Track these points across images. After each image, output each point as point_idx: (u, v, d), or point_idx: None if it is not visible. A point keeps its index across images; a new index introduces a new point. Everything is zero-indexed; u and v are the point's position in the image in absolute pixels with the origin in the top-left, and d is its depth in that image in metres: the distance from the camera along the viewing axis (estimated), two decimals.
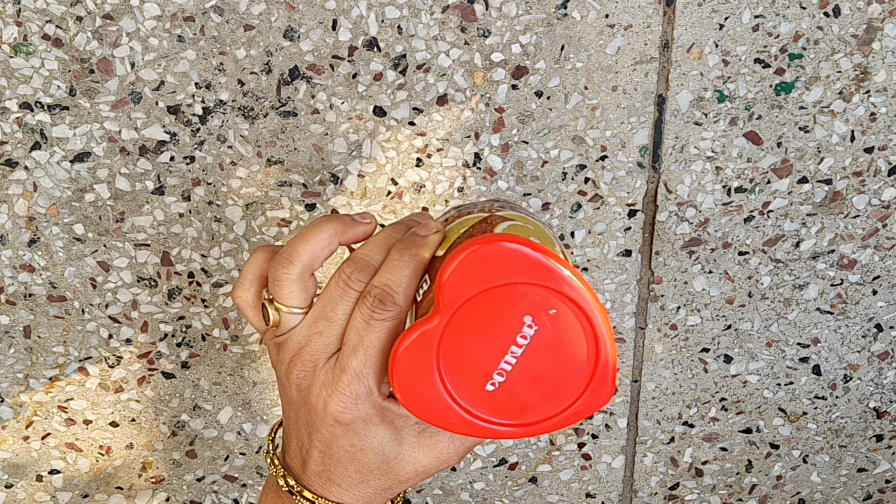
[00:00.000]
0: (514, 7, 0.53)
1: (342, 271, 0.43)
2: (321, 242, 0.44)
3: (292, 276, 0.44)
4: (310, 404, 0.43)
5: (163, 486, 0.69)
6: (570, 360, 0.38)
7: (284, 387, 0.44)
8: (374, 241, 0.44)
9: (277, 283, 0.44)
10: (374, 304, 0.41)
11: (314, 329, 0.43)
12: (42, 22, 0.53)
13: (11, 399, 0.65)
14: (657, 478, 0.71)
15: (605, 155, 0.58)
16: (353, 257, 0.44)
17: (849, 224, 0.61)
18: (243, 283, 0.46)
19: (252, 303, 0.46)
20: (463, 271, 0.37)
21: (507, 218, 0.43)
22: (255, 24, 0.54)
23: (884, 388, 0.68)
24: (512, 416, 0.39)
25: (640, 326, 0.64)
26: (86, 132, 0.56)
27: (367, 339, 0.41)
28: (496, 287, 0.37)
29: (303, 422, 0.44)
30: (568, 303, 0.37)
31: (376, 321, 0.41)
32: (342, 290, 0.43)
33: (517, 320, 0.37)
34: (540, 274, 0.37)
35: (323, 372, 0.42)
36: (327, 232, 0.44)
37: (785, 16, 0.54)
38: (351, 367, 0.41)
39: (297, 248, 0.44)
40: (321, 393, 0.42)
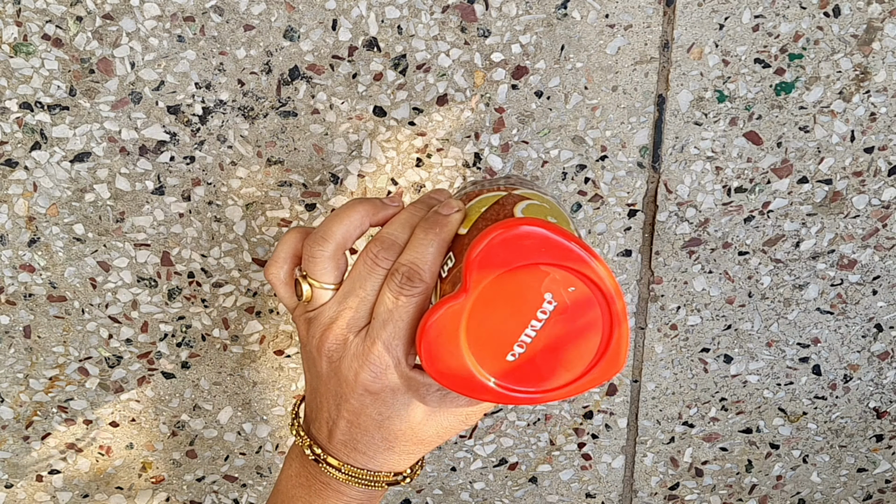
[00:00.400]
0: (514, 7, 0.53)
1: (370, 250, 0.45)
2: (354, 223, 0.47)
3: (327, 253, 0.46)
4: (340, 375, 0.45)
5: (163, 486, 0.69)
6: (586, 333, 0.41)
7: (314, 360, 0.46)
8: (399, 221, 0.47)
9: (312, 259, 0.46)
10: (403, 281, 0.44)
11: (344, 304, 0.46)
12: (42, 22, 0.53)
13: (11, 399, 0.65)
14: (657, 478, 0.71)
15: (605, 155, 0.58)
16: (380, 237, 0.46)
17: (849, 224, 0.61)
18: (277, 260, 0.49)
19: (284, 279, 0.48)
20: (489, 253, 0.39)
21: (525, 197, 0.46)
22: (255, 24, 0.54)
23: (884, 388, 0.68)
24: (530, 384, 0.42)
25: (640, 326, 0.64)
26: (86, 132, 0.56)
27: (397, 313, 0.44)
28: (519, 267, 0.40)
29: (332, 393, 0.46)
30: (585, 280, 0.40)
31: (404, 297, 0.43)
32: (370, 268, 0.45)
33: (538, 297, 0.40)
34: (559, 254, 0.39)
35: (354, 344, 0.45)
36: (360, 213, 0.47)
37: (785, 16, 0.54)
38: (381, 339, 0.44)
39: (332, 227, 0.47)
40: (352, 364, 0.44)
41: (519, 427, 0.68)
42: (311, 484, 0.47)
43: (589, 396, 0.67)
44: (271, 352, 0.64)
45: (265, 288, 0.62)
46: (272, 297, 0.62)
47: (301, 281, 0.47)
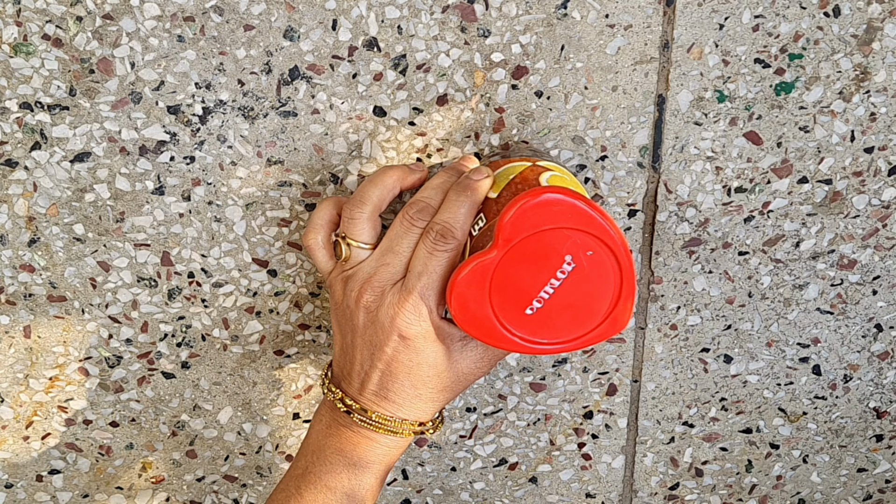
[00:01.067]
0: (514, 7, 0.53)
1: (406, 212, 0.50)
2: (387, 186, 0.52)
3: (365, 214, 0.51)
4: (377, 323, 0.49)
5: (163, 486, 0.69)
6: (598, 293, 0.46)
7: (351, 313, 0.50)
8: (432, 186, 0.51)
9: (351, 221, 0.51)
10: (437, 238, 0.48)
11: (382, 261, 0.50)
12: (42, 22, 0.53)
13: (11, 399, 0.65)
14: (657, 478, 0.71)
15: (605, 155, 0.58)
16: (415, 200, 0.50)
17: (849, 224, 0.61)
18: (314, 226, 0.53)
19: (322, 244, 0.53)
20: (519, 217, 0.44)
21: (548, 168, 0.51)
22: (255, 24, 0.54)
23: (884, 388, 0.68)
24: (544, 335, 0.47)
25: (640, 326, 0.64)
26: (86, 132, 0.56)
27: (430, 267, 0.48)
28: (545, 230, 0.44)
29: (367, 343, 0.50)
30: (602, 246, 0.45)
31: (438, 252, 0.48)
32: (407, 228, 0.50)
33: (559, 257, 0.45)
34: (582, 221, 0.44)
35: (391, 294, 0.49)
36: (392, 178, 0.52)
37: (785, 16, 0.54)
38: (416, 288, 0.48)
39: (369, 191, 0.51)
40: (389, 311, 0.48)
41: (519, 427, 0.68)
42: (342, 433, 0.51)
43: (589, 396, 0.67)
44: (271, 352, 0.64)
45: (265, 288, 0.62)
46: (272, 297, 0.62)
47: (340, 241, 0.51)
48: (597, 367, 0.66)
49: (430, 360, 0.49)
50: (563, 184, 0.50)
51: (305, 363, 0.65)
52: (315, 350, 0.65)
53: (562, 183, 0.50)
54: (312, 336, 0.64)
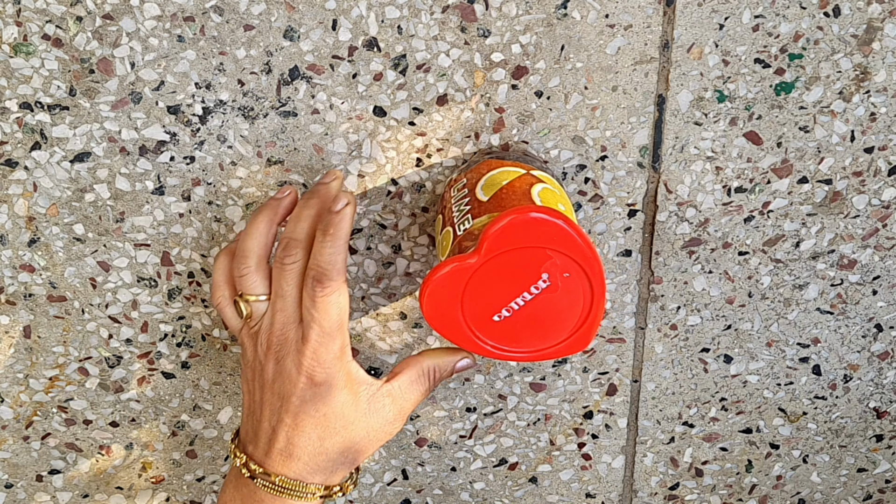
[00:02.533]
0: (514, 7, 0.53)
1: (277, 255, 0.50)
2: (261, 232, 0.51)
3: (252, 268, 0.51)
4: (285, 372, 0.48)
5: (163, 486, 0.69)
6: (566, 312, 0.47)
7: (261, 367, 0.50)
8: (294, 219, 0.51)
9: (241, 278, 0.51)
10: (315, 285, 0.48)
11: (275, 308, 0.50)
12: (42, 22, 0.53)
13: (11, 399, 0.65)
14: (657, 478, 0.71)
15: (605, 155, 0.58)
16: (282, 241, 0.50)
17: (849, 224, 0.61)
18: (217, 285, 0.53)
19: (229, 300, 0.53)
20: (506, 230, 0.45)
21: (541, 179, 0.52)
22: (255, 24, 0.54)
23: (884, 388, 0.68)
24: (507, 343, 0.48)
25: (640, 326, 0.64)
26: (86, 132, 0.56)
27: (318, 315, 0.48)
28: (528, 247, 0.46)
29: (276, 395, 0.49)
30: (580, 270, 0.46)
31: (319, 298, 0.48)
32: (280, 271, 0.49)
33: (536, 274, 0.46)
34: (565, 244, 0.45)
35: (294, 341, 0.48)
36: (263, 223, 0.52)
37: (785, 16, 0.54)
38: (311, 339, 0.48)
39: (246, 243, 0.51)
40: (296, 358, 0.48)
41: (519, 427, 0.68)
42: (247, 500, 0.49)
43: (589, 396, 0.67)
44: None
45: None
46: None
47: (239, 300, 0.51)
48: (597, 367, 0.66)
49: (338, 409, 0.48)
50: (553, 197, 0.51)
51: None
52: None
53: (552, 196, 0.51)
54: None
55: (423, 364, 0.52)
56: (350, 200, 0.49)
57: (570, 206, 0.53)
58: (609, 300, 0.63)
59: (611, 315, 0.64)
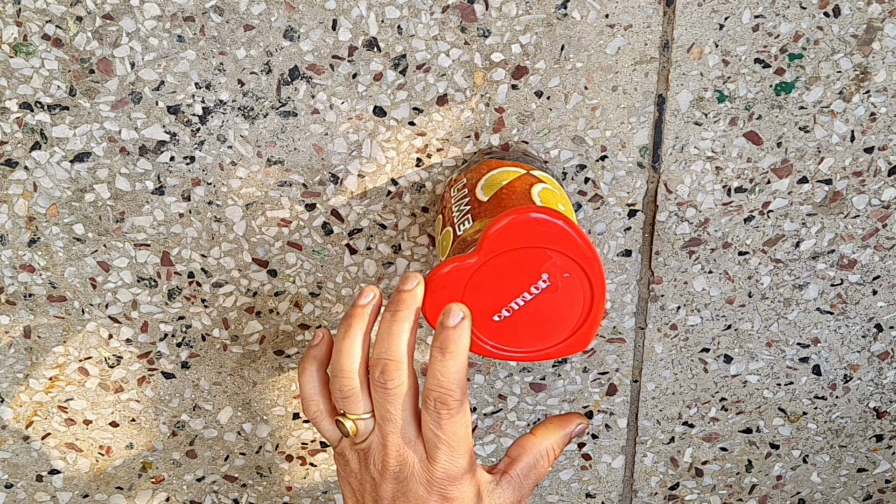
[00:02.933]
0: (514, 7, 0.53)
1: (377, 379, 0.47)
2: (358, 348, 0.48)
3: (356, 389, 0.48)
4: (411, 493, 0.47)
5: (163, 486, 0.69)
6: (566, 312, 0.47)
7: (376, 483, 0.48)
8: (387, 336, 0.47)
9: (345, 400, 0.48)
10: (439, 407, 0.46)
11: (385, 431, 0.47)
12: (42, 22, 0.53)
13: (11, 399, 0.65)
14: (657, 478, 0.71)
15: (605, 155, 0.58)
16: (378, 362, 0.47)
17: (849, 224, 0.61)
18: (311, 398, 0.50)
19: (326, 412, 0.50)
20: (506, 231, 0.45)
21: (541, 179, 0.52)
22: (255, 24, 0.54)
23: (884, 388, 0.68)
24: (506, 343, 0.48)
25: (640, 326, 0.64)
26: (86, 132, 0.56)
27: (445, 437, 0.46)
28: (528, 247, 0.45)
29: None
30: (580, 270, 0.46)
31: (446, 421, 0.46)
32: (384, 395, 0.47)
33: (536, 274, 0.46)
34: (565, 244, 0.45)
35: (417, 461, 0.47)
36: (357, 337, 0.48)
37: (785, 16, 0.54)
38: (440, 460, 0.46)
39: (344, 363, 0.48)
40: (423, 478, 0.46)
41: (519, 427, 0.68)
42: None
43: (589, 396, 0.67)
44: (271, 352, 0.64)
45: (265, 288, 0.62)
46: (272, 297, 0.62)
47: (342, 420, 0.48)
48: (597, 367, 0.66)
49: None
50: (553, 197, 0.51)
51: None
52: None
53: (552, 196, 0.51)
54: (312, 336, 0.64)
55: (541, 447, 0.50)
56: (465, 314, 0.47)
57: (570, 206, 0.53)
58: (609, 300, 0.63)
59: (611, 315, 0.64)
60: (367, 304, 0.49)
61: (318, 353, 0.51)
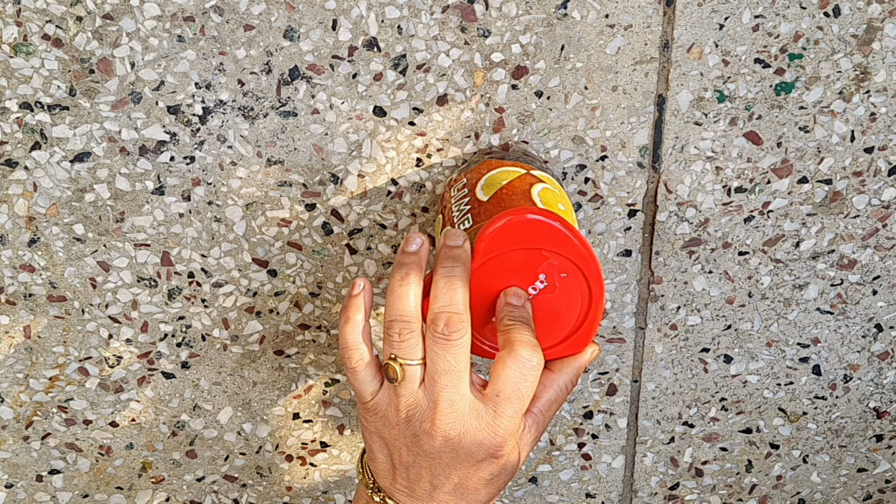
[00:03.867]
0: (514, 7, 0.53)
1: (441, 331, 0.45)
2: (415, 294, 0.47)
3: (415, 333, 0.46)
4: (461, 448, 0.46)
5: (163, 486, 0.69)
6: (564, 314, 0.47)
7: (419, 440, 0.47)
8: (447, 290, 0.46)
9: (402, 343, 0.46)
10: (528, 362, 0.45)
11: (439, 384, 0.46)
12: (42, 22, 0.53)
13: (11, 399, 0.65)
14: (657, 478, 0.71)
15: (605, 155, 0.58)
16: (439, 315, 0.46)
17: (849, 224, 0.61)
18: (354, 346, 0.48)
19: (368, 362, 0.48)
20: (501, 232, 0.44)
21: (541, 179, 0.52)
22: (255, 24, 0.54)
23: (884, 388, 0.68)
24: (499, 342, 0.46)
25: (640, 326, 0.64)
26: (86, 132, 0.56)
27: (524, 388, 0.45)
28: (525, 248, 0.45)
29: (442, 464, 0.46)
30: (578, 271, 0.45)
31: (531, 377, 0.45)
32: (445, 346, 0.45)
33: (533, 275, 0.45)
34: (562, 245, 0.45)
35: (475, 417, 0.45)
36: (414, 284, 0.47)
37: (785, 16, 0.54)
38: (506, 413, 0.45)
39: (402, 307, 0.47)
40: (482, 435, 0.45)
41: None
42: None
43: (589, 396, 0.67)
44: (271, 352, 0.64)
45: (265, 288, 0.62)
46: (272, 297, 0.62)
47: (392, 364, 0.46)
48: (597, 367, 0.66)
49: (510, 469, 0.47)
50: (553, 197, 0.51)
51: (305, 363, 0.65)
52: (315, 350, 0.65)
53: (552, 196, 0.51)
54: (312, 336, 0.64)
55: (559, 382, 0.49)
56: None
57: (570, 206, 0.53)
58: (609, 300, 0.63)
59: (611, 315, 0.64)
60: (417, 251, 0.48)
61: (361, 301, 0.49)
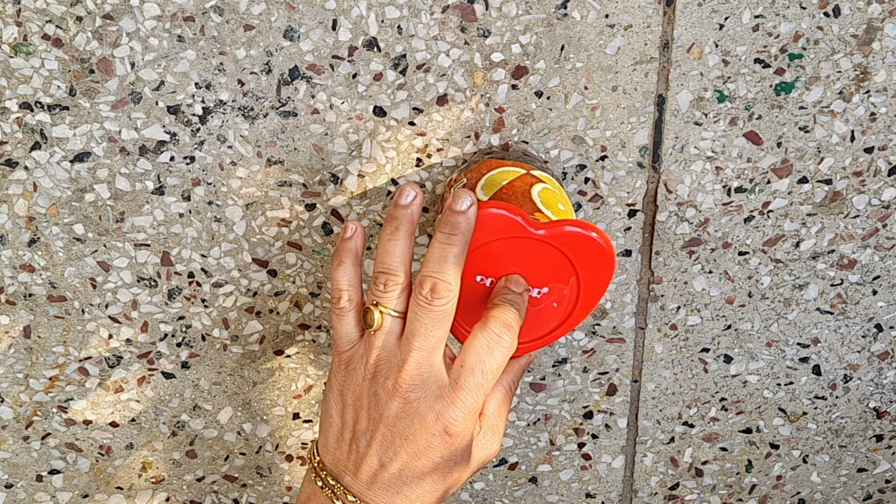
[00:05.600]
0: (514, 7, 0.53)
1: (425, 296, 0.45)
2: (405, 249, 0.46)
3: (402, 285, 0.46)
4: (417, 415, 0.44)
5: (163, 486, 0.69)
6: (535, 325, 0.48)
7: (379, 401, 0.45)
8: (440, 258, 0.45)
9: (387, 293, 0.46)
10: (494, 333, 0.44)
11: (411, 345, 0.45)
12: (42, 22, 0.53)
13: (11, 399, 0.65)
14: (657, 478, 0.71)
15: (605, 155, 0.58)
16: (426, 280, 0.45)
17: (849, 224, 0.61)
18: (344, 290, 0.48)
19: (354, 307, 0.47)
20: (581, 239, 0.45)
21: (541, 179, 0.52)
22: (255, 24, 0.54)
23: (884, 388, 0.68)
24: (465, 316, 0.48)
25: (640, 326, 0.64)
26: (86, 132, 0.56)
27: (489, 364, 0.44)
28: (568, 258, 0.46)
29: (396, 434, 0.44)
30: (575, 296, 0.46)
31: (497, 347, 0.44)
32: (426, 311, 0.44)
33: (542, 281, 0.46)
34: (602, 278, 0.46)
35: (436, 387, 0.44)
36: (404, 239, 0.46)
37: (785, 16, 0.54)
38: (466, 387, 0.44)
39: (391, 260, 0.46)
40: (437, 406, 0.44)
41: (519, 427, 0.68)
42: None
43: (589, 396, 0.67)
44: (271, 352, 0.64)
45: (265, 288, 0.62)
46: (272, 297, 0.62)
47: (372, 309, 0.46)
48: (597, 367, 0.66)
49: (462, 456, 0.45)
50: (553, 197, 0.51)
51: (305, 363, 0.65)
52: (315, 350, 0.65)
53: (552, 196, 0.51)
54: (312, 336, 0.64)
55: (504, 383, 0.48)
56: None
57: (570, 206, 0.53)
58: (609, 300, 0.63)
59: (611, 315, 0.64)
60: (409, 205, 0.46)
61: (353, 245, 0.48)
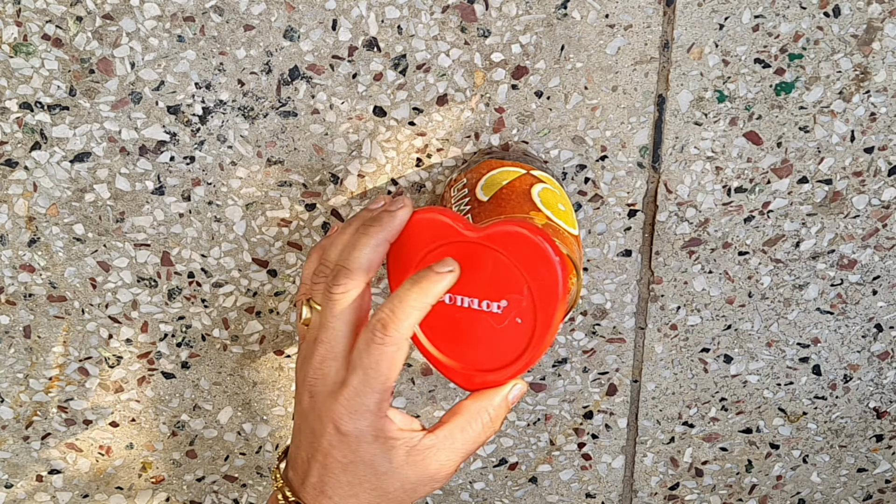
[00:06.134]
0: (514, 7, 0.53)
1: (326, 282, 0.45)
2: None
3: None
4: (317, 410, 0.44)
5: (163, 486, 0.69)
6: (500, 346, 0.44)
7: (299, 393, 0.46)
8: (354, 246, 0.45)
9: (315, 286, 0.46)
10: (377, 328, 0.43)
11: (319, 338, 0.45)
12: (42, 22, 0.53)
13: (11, 399, 0.65)
14: (657, 478, 0.71)
15: (605, 155, 0.58)
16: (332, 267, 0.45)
17: (849, 224, 0.61)
18: (305, 282, 0.48)
19: None
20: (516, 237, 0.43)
21: (541, 179, 0.51)
22: (255, 24, 0.54)
23: (884, 388, 0.68)
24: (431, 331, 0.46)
25: (640, 326, 0.64)
26: (86, 132, 0.56)
27: (367, 362, 0.43)
28: (517, 267, 0.43)
29: (310, 430, 0.45)
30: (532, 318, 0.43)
31: (376, 346, 0.43)
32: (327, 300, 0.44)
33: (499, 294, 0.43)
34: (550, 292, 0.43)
35: (332, 382, 0.44)
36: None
37: (785, 16, 0.54)
38: (350, 385, 0.43)
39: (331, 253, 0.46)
40: (328, 400, 0.44)
41: (519, 427, 0.68)
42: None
43: (589, 396, 0.67)
44: (271, 352, 0.64)
45: (265, 288, 0.62)
46: (272, 297, 0.62)
47: (304, 304, 0.46)
48: (597, 367, 0.66)
49: (366, 459, 0.44)
50: (553, 197, 0.51)
51: None
52: None
53: (551, 196, 0.51)
54: None
55: (470, 408, 0.47)
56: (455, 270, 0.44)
57: (570, 206, 0.53)
58: (609, 300, 0.63)
59: (611, 315, 0.64)
60: (374, 210, 0.47)
61: (326, 243, 0.49)
